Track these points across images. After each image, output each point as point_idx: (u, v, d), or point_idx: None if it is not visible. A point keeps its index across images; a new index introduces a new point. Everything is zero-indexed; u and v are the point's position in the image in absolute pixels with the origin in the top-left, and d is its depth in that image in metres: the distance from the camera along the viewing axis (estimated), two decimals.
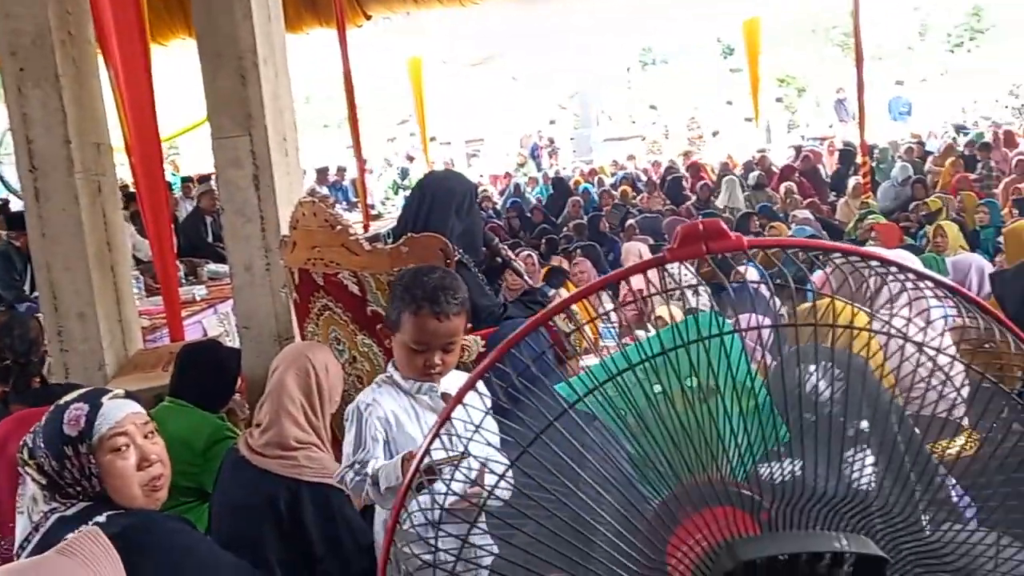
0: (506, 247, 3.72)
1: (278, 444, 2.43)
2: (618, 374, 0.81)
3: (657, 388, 0.83)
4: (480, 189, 15.57)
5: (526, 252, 7.19)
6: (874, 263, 0.89)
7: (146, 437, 1.83)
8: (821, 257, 0.89)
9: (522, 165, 17.48)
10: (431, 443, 0.93)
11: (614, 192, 12.30)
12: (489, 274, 3.30)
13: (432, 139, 16.51)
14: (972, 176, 10.70)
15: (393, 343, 2.00)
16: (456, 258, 2.62)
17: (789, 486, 0.88)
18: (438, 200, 2.94)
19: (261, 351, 3.37)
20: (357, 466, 1.90)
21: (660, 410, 0.82)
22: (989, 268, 4.52)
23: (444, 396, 1.99)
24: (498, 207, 13.15)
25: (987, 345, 1.29)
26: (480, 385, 0.96)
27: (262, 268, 3.42)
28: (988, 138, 12.85)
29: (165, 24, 8.61)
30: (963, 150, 12.24)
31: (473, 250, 2.95)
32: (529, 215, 11.70)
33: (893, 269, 0.89)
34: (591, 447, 0.82)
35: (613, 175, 15.11)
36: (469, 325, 2.07)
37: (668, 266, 0.87)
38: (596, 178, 14.55)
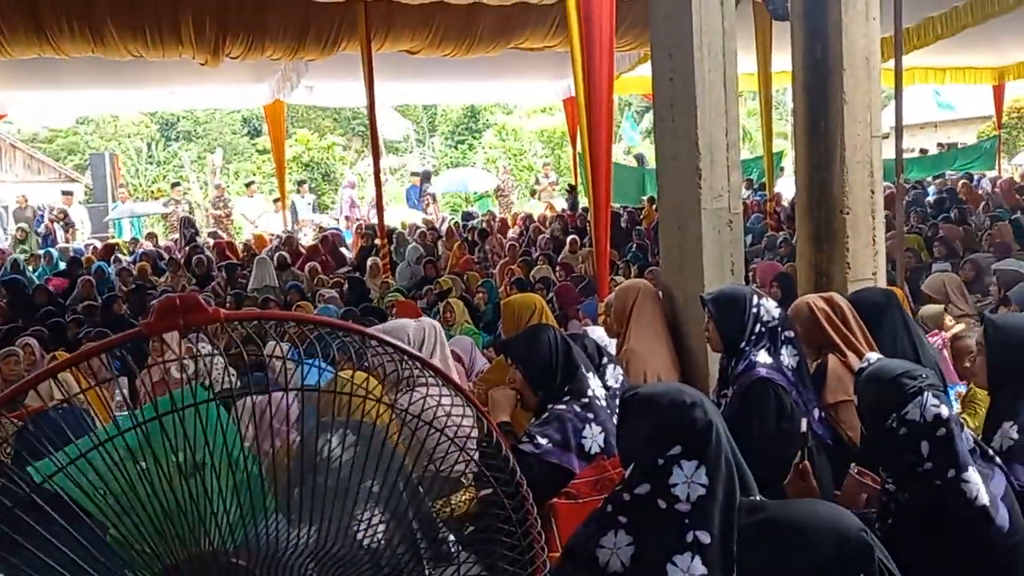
0: None
1: None
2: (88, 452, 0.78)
3: (143, 464, 0.81)
4: None
5: (24, 341, 6.39)
6: (349, 334, 0.98)
7: None
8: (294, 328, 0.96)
9: (22, 241, 15.47)
10: None
11: (132, 270, 11.54)
12: None
13: None
14: (474, 258, 12.11)
15: None
16: None
17: (273, 546, 0.92)
18: None
19: None
20: None
21: (143, 489, 0.80)
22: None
23: None
24: None
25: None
26: None
27: None
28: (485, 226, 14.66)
29: None
30: (466, 235, 13.76)
31: None
32: (31, 295, 10.36)
33: (374, 342, 1.00)
34: (61, 535, 0.77)
35: (131, 252, 14.15)
36: None
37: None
38: (113, 256, 13.50)
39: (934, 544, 2.26)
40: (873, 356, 2.66)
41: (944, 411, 2.28)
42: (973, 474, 2.25)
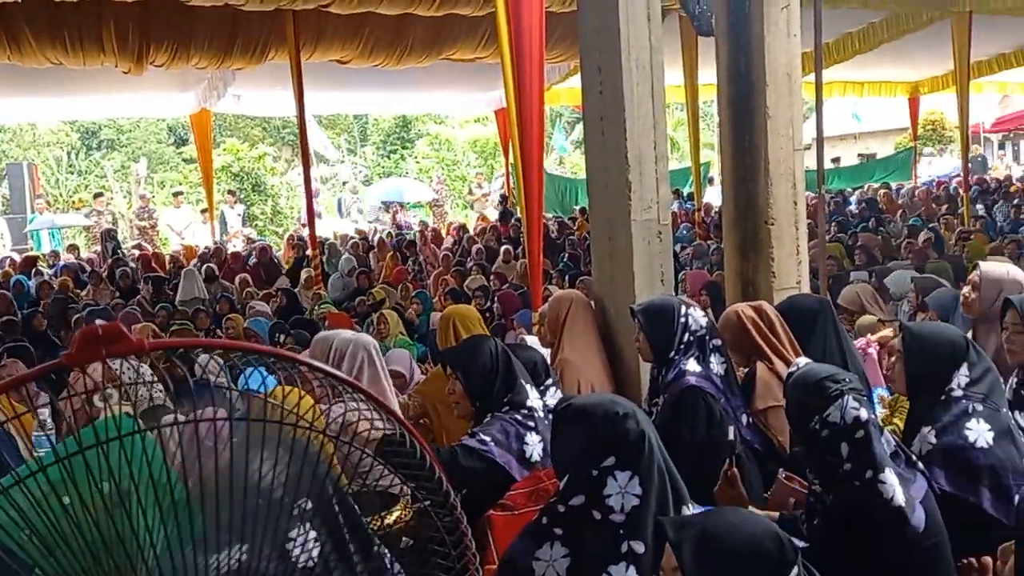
0: None
1: None
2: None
3: (67, 499, 0.79)
4: None
5: None
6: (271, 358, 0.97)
7: None
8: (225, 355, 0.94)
9: None
10: None
11: (54, 284, 11.17)
12: None
13: None
14: (408, 269, 12.05)
15: None
16: None
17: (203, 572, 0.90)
18: None
19: None
20: None
21: (68, 522, 0.78)
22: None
23: None
24: None
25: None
26: None
27: None
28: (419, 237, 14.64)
29: None
30: (397, 245, 13.68)
31: None
32: None
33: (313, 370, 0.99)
34: None
35: (52, 266, 13.69)
36: None
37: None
38: (33, 269, 13.03)
39: (855, 545, 2.33)
40: (802, 361, 2.74)
41: (863, 414, 2.36)
42: (890, 475, 2.33)
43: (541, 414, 3.10)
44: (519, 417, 3.02)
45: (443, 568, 1.25)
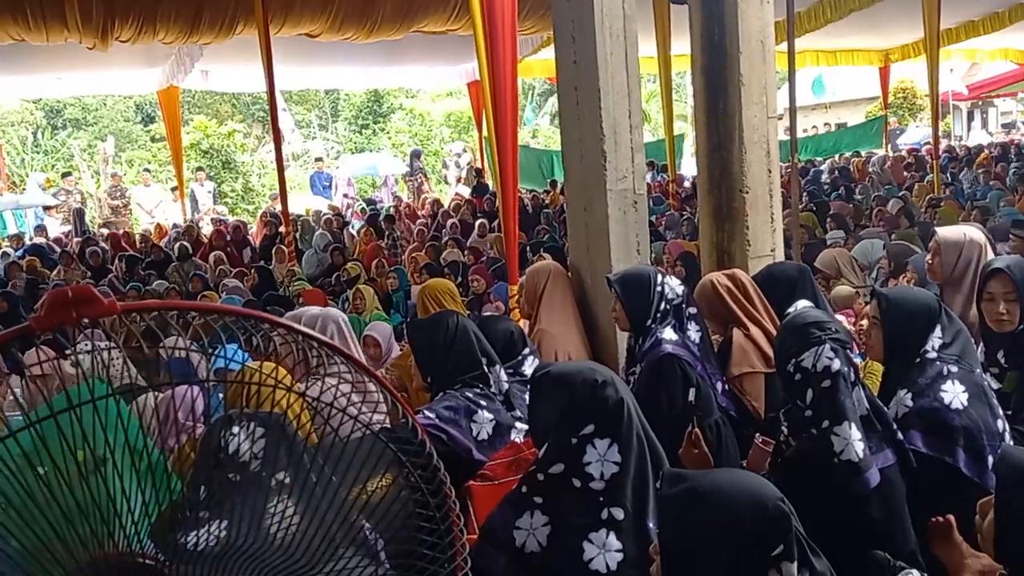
0: None
1: None
2: None
3: (42, 469, 0.77)
4: None
5: None
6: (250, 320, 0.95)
7: None
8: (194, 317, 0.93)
9: None
10: None
11: (21, 263, 11.01)
12: None
13: None
14: (383, 244, 11.97)
15: None
16: None
17: (189, 545, 0.89)
18: None
19: None
20: None
21: (41, 495, 0.76)
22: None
23: None
24: None
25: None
26: None
27: None
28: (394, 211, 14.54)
29: None
30: (373, 219, 13.58)
31: None
32: None
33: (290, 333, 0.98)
34: None
35: (18, 248, 13.46)
36: None
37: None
38: (1, 251, 12.84)
39: (805, 492, 2.34)
40: (801, 304, 2.74)
41: (835, 364, 2.38)
42: (848, 429, 2.35)
43: (501, 397, 3.04)
44: (470, 395, 2.95)
45: (427, 531, 1.24)
